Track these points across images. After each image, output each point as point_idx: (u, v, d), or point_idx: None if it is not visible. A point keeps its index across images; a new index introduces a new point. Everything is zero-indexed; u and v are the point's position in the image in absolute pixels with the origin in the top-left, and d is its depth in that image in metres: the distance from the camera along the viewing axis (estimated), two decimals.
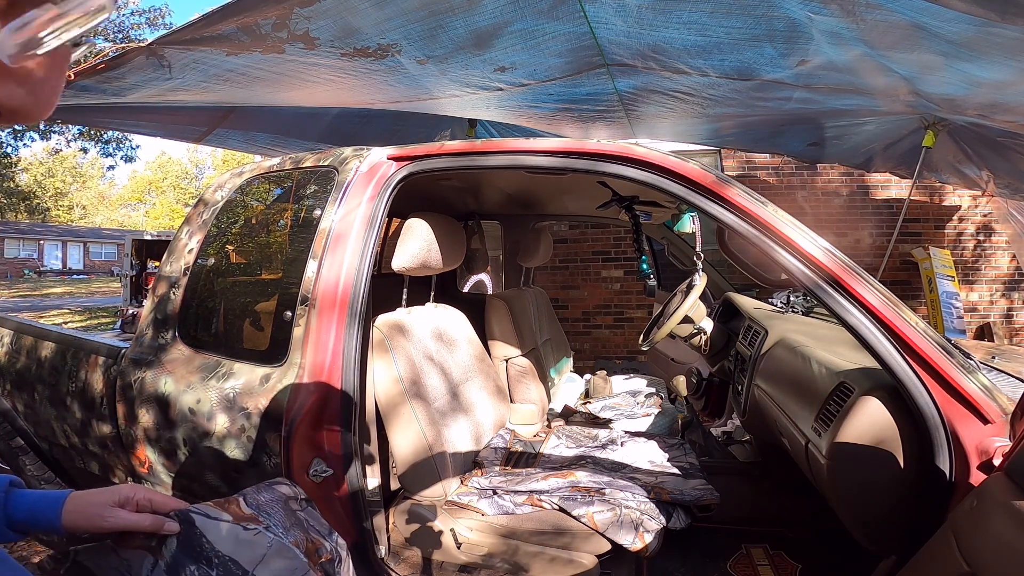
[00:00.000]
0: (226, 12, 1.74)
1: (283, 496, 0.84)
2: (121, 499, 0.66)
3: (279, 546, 0.73)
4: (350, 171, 1.43)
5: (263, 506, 0.79)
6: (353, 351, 1.28)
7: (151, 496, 0.68)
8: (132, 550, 0.64)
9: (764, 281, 2.31)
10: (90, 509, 0.65)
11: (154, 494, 0.69)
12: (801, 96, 2.47)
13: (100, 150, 13.96)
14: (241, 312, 1.58)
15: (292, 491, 0.87)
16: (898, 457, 1.08)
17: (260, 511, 0.78)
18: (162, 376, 1.45)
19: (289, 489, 0.87)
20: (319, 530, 0.83)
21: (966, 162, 3.29)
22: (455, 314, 1.97)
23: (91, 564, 0.62)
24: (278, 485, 0.86)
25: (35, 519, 0.64)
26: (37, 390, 1.74)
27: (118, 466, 1.59)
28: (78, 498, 0.65)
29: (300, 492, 0.88)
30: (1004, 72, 1.80)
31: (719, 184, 1.18)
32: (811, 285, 1.11)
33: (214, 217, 1.61)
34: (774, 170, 4.87)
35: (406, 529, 1.46)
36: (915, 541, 0.98)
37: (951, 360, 1.03)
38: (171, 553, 0.66)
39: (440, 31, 1.96)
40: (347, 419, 1.27)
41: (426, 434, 1.49)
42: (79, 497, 0.66)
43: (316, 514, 0.86)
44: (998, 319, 4.78)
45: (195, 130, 3.42)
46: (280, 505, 0.82)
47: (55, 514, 0.64)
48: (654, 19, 1.90)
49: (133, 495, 0.67)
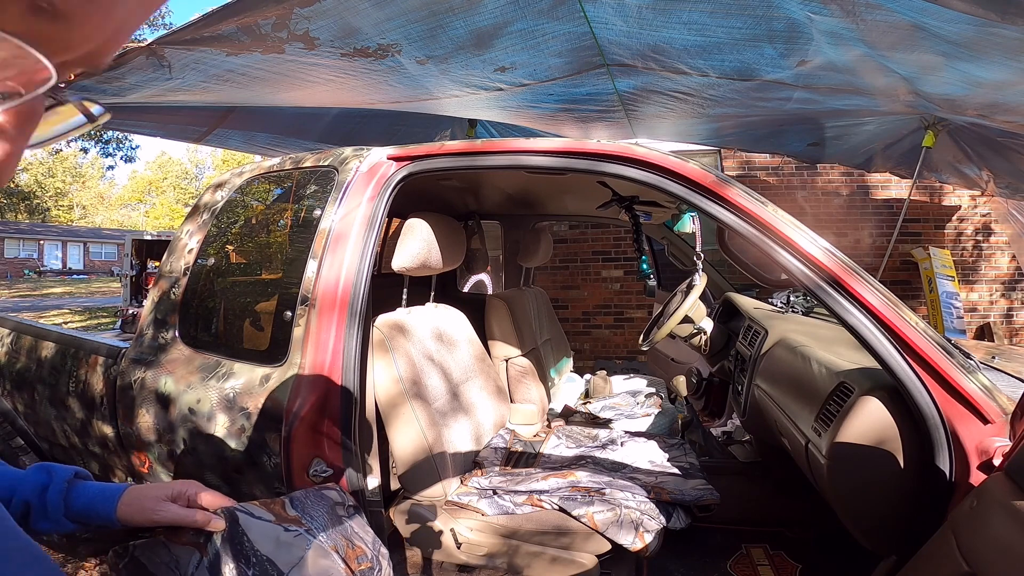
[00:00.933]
0: (226, 12, 1.73)
1: (330, 501, 0.85)
2: (174, 494, 0.68)
3: (318, 549, 0.74)
4: (350, 171, 1.43)
5: (308, 509, 0.80)
6: (353, 351, 1.28)
7: (203, 492, 0.70)
8: (181, 545, 0.66)
9: (764, 281, 2.31)
10: (144, 503, 0.66)
11: (206, 491, 0.70)
12: (801, 96, 2.47)
13: (100, 150, 13.97)
14: (241, 312, 1.58)
15: (340, 497, 0.88)
16: (898, 457, 1.08)
17: (304, 514, 0.79)
18: (162, 376, 1.45)
19: (337, 495, 0.88)
20: (363, 537, 0.83)
21: (966, 162, 3.29)
22: (455, 314, 1.97)
23: (145, 559, 0.63)
24: (327, 490, 0.88)
25: (92, 510, 0.65)
26: (37, 390, 1.74)
27: (118, 466, 1.59)
28: (134, 491, 0.67)
29: (348, 499, 0.89)
30: (1004, 72, 1.80)
31: (719, 184, 1.18)
32: (811, 285, 1.11)
33: (214, 217, 1.61)
34: (774, 170, 4.87)
35: (406, 529, 1.46)
36: (915, 541, 0.98)
37: (951, 360, 1.03)
38: (214, 550, 0.67)
39: (440, 31, 1.96)
40: (347, 419, 1.27)
41: (426, 434, 1.49)
42: (135, 491, 0.67)
43: (362, 522, 0.87)
44: (998, 319, 4.78)
45: (195, 130, 3.42)
46: (326, 509, 0.83)
47: (112, 506, 0.65)
48: (654, 19, 1.90)
49: (186, 490, 0.69)
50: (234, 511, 0.71)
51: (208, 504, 0.69)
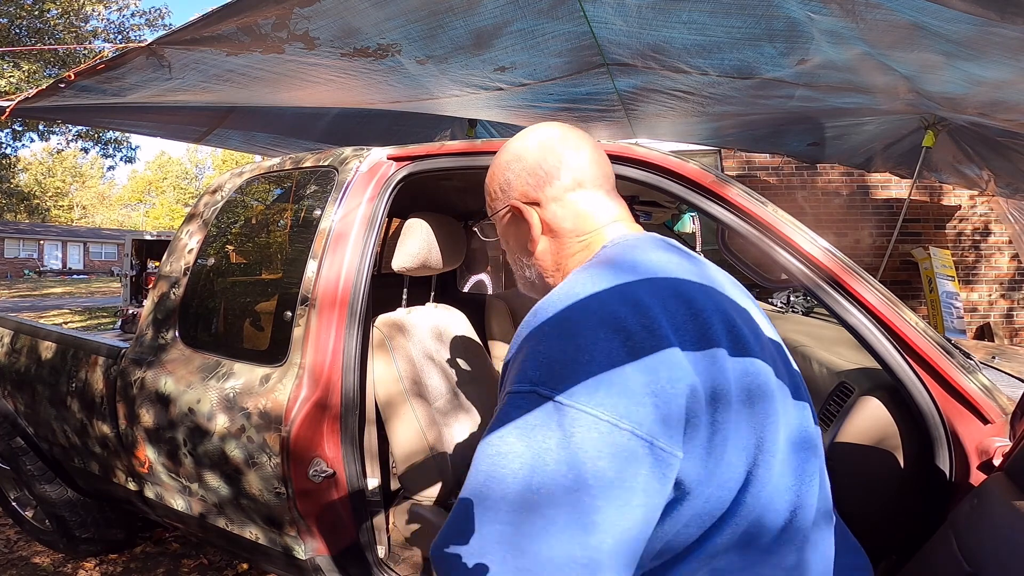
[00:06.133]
0: (226, 12, 1.73)
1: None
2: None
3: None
4: (350, 171, 1.43)
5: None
6: (353, 351, 1.28)
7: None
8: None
9: (764, 281, 2.31)
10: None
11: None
12: (802, 95, 2.47)
13: (100, 151, 13.97)
14: (241, 312, 1.58)
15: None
16: (898, 457, 1.08)
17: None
18: (162, 376, 1.45)
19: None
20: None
21: (966, 162, 3.29)
22: (455, 314, 1.97)
23: None
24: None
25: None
26: (37, 390, 1.74)
27: (118, 466, 1.59)
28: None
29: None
30: (1004, 71, 1.79)
31: (719, 184, 1.18)
32: (811, 285, 1.10)
33: (214, 217, 1.61)
34: (774, 170, 4.87)
35: (406, 529, 1.46)
36: (915, 541, 0.98)
37: (951, 360, 1.03)
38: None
39: (440, 31, 1.96)
40: (347, 419, 1.27)
41: (426, 434, 1.49)
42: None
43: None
44: (998, 319, 4.78)
45: (195, 130, 3.42)
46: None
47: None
48: (654, 18, 1.90)
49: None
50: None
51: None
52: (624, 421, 0.47)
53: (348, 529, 1.30)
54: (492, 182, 0.76)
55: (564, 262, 0.72)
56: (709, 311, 0.56)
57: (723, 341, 0.55)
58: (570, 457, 0.46)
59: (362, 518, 1.30)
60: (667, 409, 0.49)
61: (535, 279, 0.76)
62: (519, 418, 0.49)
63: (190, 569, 2.05)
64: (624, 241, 0.67)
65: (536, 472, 0.47)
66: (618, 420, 0.47)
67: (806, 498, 0.60)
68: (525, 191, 0.72)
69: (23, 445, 1.84)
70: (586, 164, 0.73)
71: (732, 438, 0.53)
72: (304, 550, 1.31)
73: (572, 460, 0.46)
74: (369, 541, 1.31)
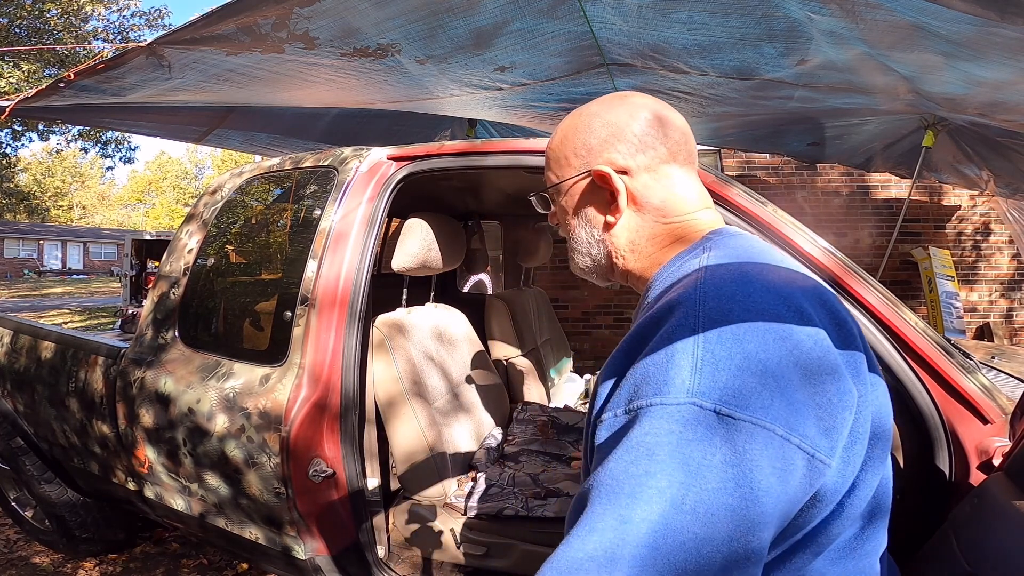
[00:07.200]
0: (226, 12, 1.73)
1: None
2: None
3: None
4: (350, 171, 1.43)
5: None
6: (353, 351, 1.28)
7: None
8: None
9: None
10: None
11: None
12: (802, 95, 2.47)
13: (99, 151, 13.96)
14: (241, 312, 1.58)
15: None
16: (898, 457, 1.08)
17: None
18: (162, 376, 1.45)
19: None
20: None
21: (966, 162, 3.29)
22: (455, 314, 1.97)
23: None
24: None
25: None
26: (37, 390, 1.74)
27: (118, 466, 1.59)
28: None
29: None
30: (1004, 71, 1.80)
31: (719, 184, 1.18)
32: None
33: (214, 217, 1.61)
34: (774, 170, 4.87)
35: (406, 529, 1.46)
36: (915, 541, 0.98)
37: (951, 360, 1.03)
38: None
39: (440, 31, 1.96)
40: (347, 419, 1.27)
41: (426, 434, 1.49)
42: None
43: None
44: (998, 319, 4.78)
45: (195, 130, 3.42)
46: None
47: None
48: (654, 19, 1.90)
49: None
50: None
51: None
52: (795, 436, 0.44)
53: (348, 529, 1.30)
54: (564, 145, 0.67)
55: (642, 243, 0.65)
56: (843, 315, 0.55)
57: (860, 346, 0.55)
58: (739, 476, 0.42)
59: (362, 518, 1.30)
60: (831, 422, 0.47)
61: (601, 258, 0.68)
62: (667, 433, 0.43)
63: (190, 569, 2.05)
64: (739, 234, 0.61)
65: (691, 490, 0.41)
66: (789, 434, 0.44)
67: (887, 483, 0.61)
68: (613, 158, 0.63)
69: (23, 445, 1.84)
70: (680, 137, 0.65)
71: (859, 442, 0.52)
72: (304, 550, 1.31)
73: (742, 479, 0.42)
74: (369, 541, 1.31)
